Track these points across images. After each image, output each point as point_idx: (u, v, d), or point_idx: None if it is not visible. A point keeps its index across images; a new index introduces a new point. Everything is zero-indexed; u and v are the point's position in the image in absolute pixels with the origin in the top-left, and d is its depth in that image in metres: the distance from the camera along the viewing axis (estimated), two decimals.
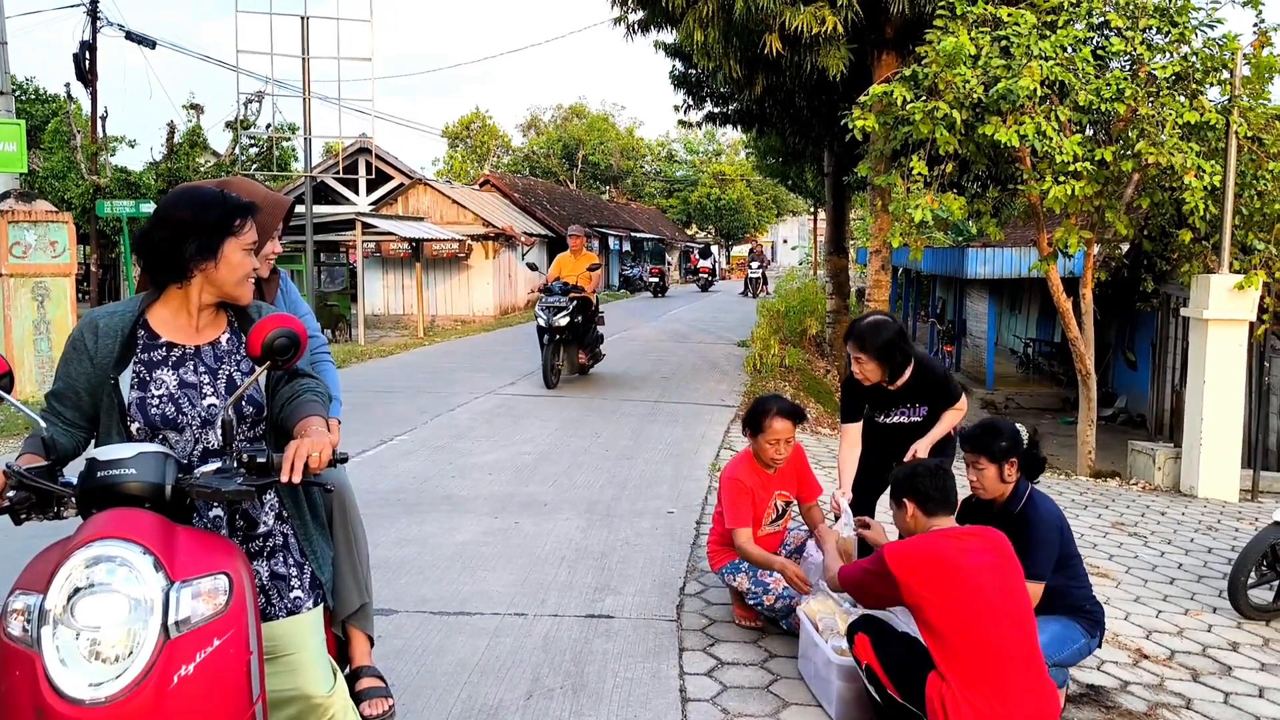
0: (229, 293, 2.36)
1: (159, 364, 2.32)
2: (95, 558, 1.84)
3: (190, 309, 2.36)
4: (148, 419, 2.27)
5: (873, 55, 11.98)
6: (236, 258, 2.32)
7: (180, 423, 2.29)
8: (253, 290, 2.42)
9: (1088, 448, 10.23)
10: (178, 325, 2.36)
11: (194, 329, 2.37)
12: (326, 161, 25.67)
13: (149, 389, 2.29)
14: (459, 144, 59.44)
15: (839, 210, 19.26)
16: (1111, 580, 5.66)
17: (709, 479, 7.58)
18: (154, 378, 2.30)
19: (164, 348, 2.34)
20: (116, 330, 2.32)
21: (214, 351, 2.38)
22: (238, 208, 2.34)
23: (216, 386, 2.35)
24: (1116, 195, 9.56)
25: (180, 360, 2.34)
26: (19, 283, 10.78)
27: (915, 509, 3.44)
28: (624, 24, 14.60)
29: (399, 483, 7.23)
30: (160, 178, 20.63)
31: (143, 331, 2.34)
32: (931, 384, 4.59)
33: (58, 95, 28.28)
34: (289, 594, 2.43)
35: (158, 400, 2.28)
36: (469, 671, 4.00)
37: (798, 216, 71.17)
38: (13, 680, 1.80)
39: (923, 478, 3.45)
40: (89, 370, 2.30)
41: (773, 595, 4.39)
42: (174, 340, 2.35)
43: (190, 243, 2.26)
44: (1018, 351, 22.30)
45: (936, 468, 3.51)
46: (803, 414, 4.66)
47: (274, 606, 2.40)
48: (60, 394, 2.33)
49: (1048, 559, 3.70)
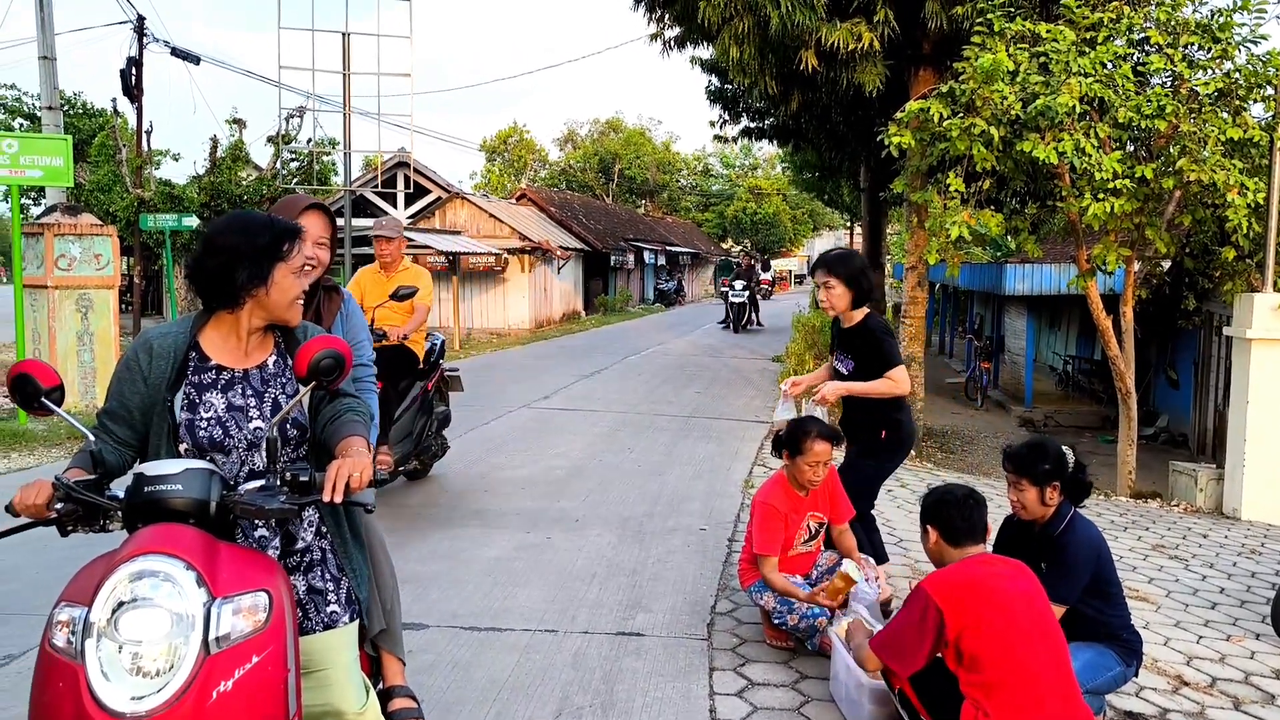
0: (279, 316, 2.40)
1: (208, 387, 2.36)
2: (140, 572, 1.87)
3: (240, 333, 2.40)
4: (196, 441, 2.31)
5: (909, 71, 11.94)
6: (286, 282, 2.36)
7: (227, 445, 2.33)
8: (301, 311, 2.46)
9: (1128, 468, 10.08)
10: (227, 348, 2.40)
11: (243, 352, 2.41)
12: (366, 175, 25.98)
13: (198, 411, 2.33)
14: (496, 158, 59.89)
15: (875, 226, 19.19)
16: (1151, 604, 5.57)
17: (742, 496, 7.56)
18: (203, 400, 2.34)
19: (213, 370, 2.38)
20: (169, 351, 2.36)
21: (261, 375, 2.42)
22: (285, 232, 2.38)
23: (263, 410, 2.39)
24: (1157, 212, 9.44)
25: (229, 383, 2.38)
26: (64, 295, 11.00)
27: (939, 537, 3.39)
28: (660, 40, 14.69)
29: (431, 497, 7.28)
30: (203, 191, 20.95)
31: (194, 353, 2.38)
32: (873, 332, 4.69)
33: (104, 110, 28.89)
34: (325, 608, 2.46)
35: (206, 423, 2.32)
36: (499, 688, 4.02)
37: (834, 231, 70.88)
38: (56, 691, 1.83)
39: (949, 507, 3.38)
40: (142, 390, 2.34)
41: (797, 615, 4.36)
42: (223, 363, 2.39)
43: (242, 270, 2.29)
44: (1057, 369, 22.03)
45: (965, 497, 3.41)
46: (841, 436, 4.67)
47: (311, 621, 2.43)
48: (113, 413, 2.36)
49: (1075, 584, 3.64)
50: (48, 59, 14.79)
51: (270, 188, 21.79)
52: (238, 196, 21.04)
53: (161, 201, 20.27)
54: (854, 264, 4.75)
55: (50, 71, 14.89)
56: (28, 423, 9.65)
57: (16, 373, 2.20)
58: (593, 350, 19.94)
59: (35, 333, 10.93)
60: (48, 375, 2.21)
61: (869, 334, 4.69)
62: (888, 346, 4.67)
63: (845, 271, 4.67)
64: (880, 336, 4.69)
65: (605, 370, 16.20)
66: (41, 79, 14.95)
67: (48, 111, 15.08)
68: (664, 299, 41.60)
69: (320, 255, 3.23)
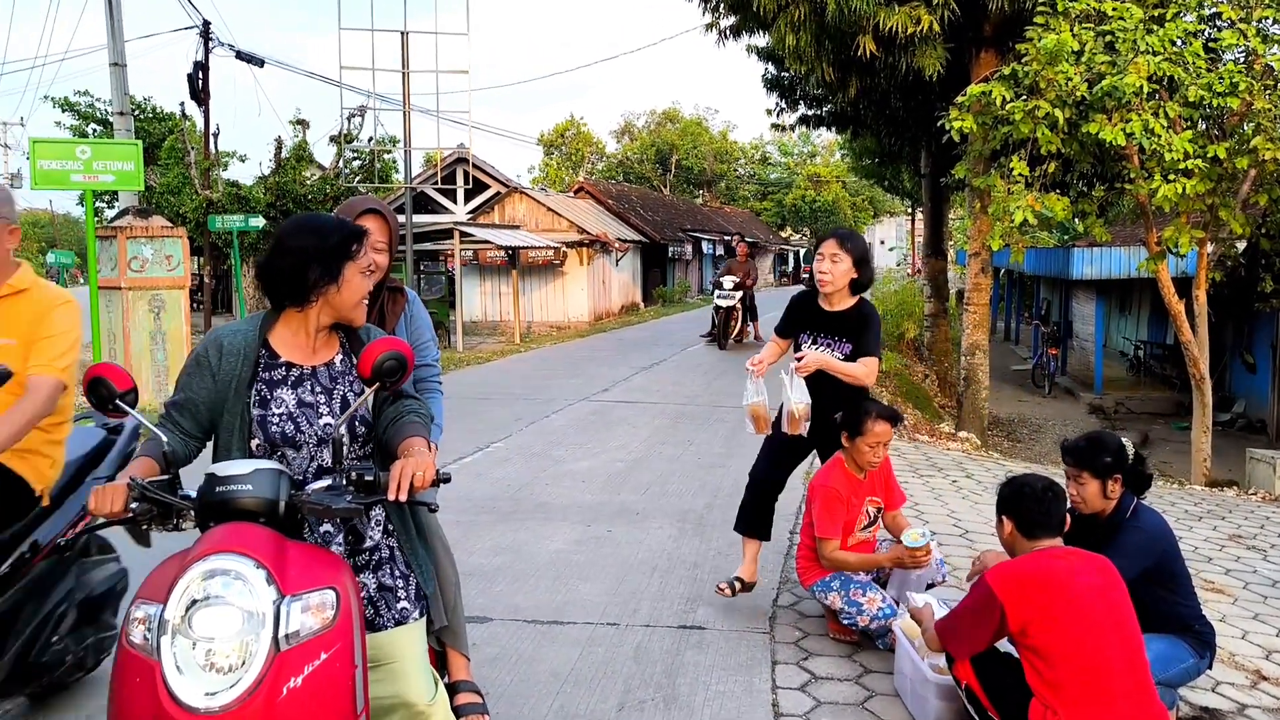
0: (346, 315, 2.44)
1: (279, 383, 2.42)
2: (212, 570, 1.92)
3: (308, 330, 2.45)
4: (268, 436, 2.37)
5: (970, 54, 11.73)
6: (356, 281, 2.41)
7: (298, 440, 2.38)
8: (366, 312, 2.50)
9: (1202, 455, 9.81)
10: (296, 346, 2.46)
11: (311, 350, 2.47)
12: (426, 172, 26.27)
13: (269, 407, 2.39)
14: (554, 152, 60.18)
15: (937, 212, 18.88)
16: (1228, 596, 5.42)
17: (802, 488, 7.51)
18: (275, 396, 2.40)
19: (284, 367, 2.43)
20: (240, 349, 2.42)
21: (329, 372, 2.47)
22: (354, 233, 2.42)
23: (331, 406, 2.43)
24: (1231, 192, 9.15)
25: (299, 380, 2.43)
26: (137, 296, 11.32)
27: (1014, 528, 3.33)
28: (715, 30, 14.61)
29: (495, 490, 7.36)
30: (269, 191, 21.37)
31: (264, 351, 2.44)
32: (863, 319, 4.54)
33: (173, 114, 29.55)
34: (396, 605, 2.50)
35: (278, 418, 2.38)
36: (561, 681, 4.06)
37: (895, 217, 69.97)
38: (133, 686, 1.89)
39: (1027, 499, 3.31)
40: (210, 386, 2.40)
41: (867, 616, 4.30)
42: (292, 360, 2.45)
43: (314, 269, 2.34)
44: (1128, 354, 21.52)
45: (1044, 490, 3.34)
46: (900, 417, 4.69)
47: (382, 617, 2.48)
48: (180, 405, 2.42)
49: (1132, 565, 3.55)
50: (118, 65, 15.19)
51: (333, 186, 22.15)
52: (302, 196, 21.42)
53: (229, 202, 20.73)
54: (863, 244, 4.61)
55: (121, 77, 15.30)
56: None
57: (92, 376, 2.27)
58: (651, 342, 19.94)
59: (110, 333, 11.27)
60: (122, 378, 2.28)
61: (864, 320, 4.54)
62: (877, 335, 4.58)
63: (855, 249, 4.51)
64: (875, 324, 4.58)
65: (664, 362, 16.20)
66: (113, 85, 15.37)
67: (119, 117, 15.50)
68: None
69: (378, 260, 3.26)
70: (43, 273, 46.60)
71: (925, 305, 18.99)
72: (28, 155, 10.61)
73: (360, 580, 2.47)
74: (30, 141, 10.53)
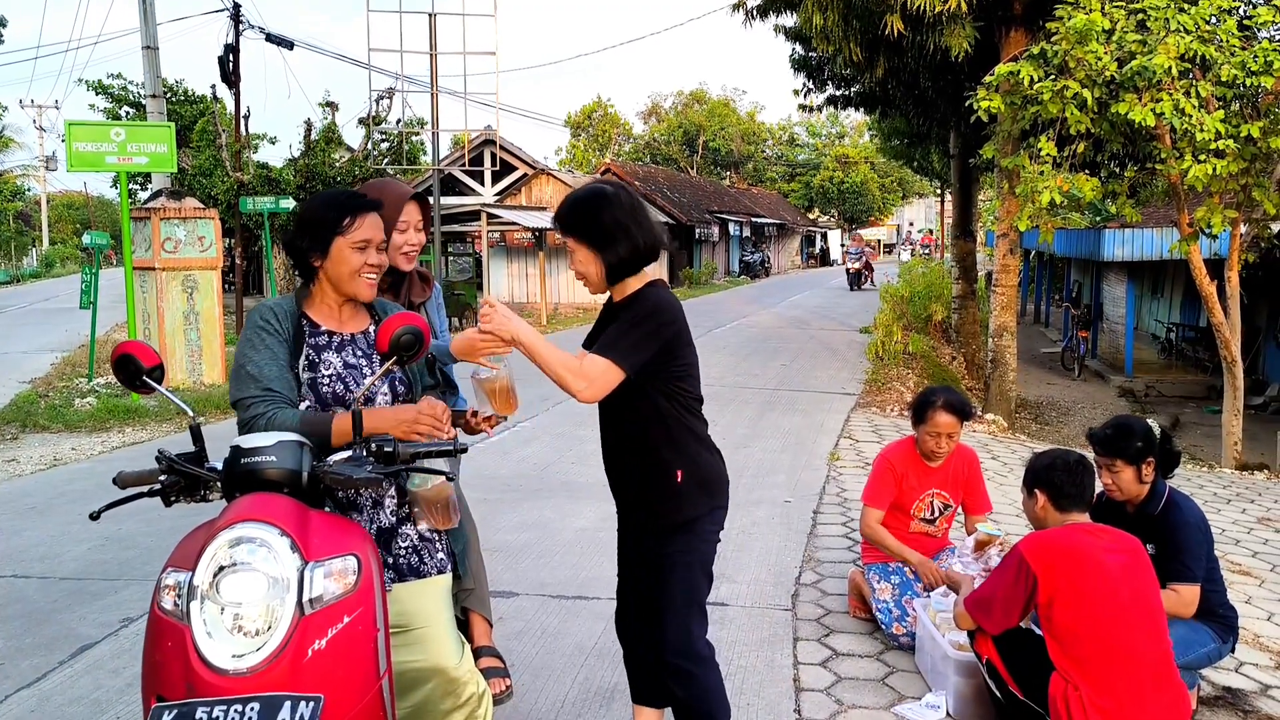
0: (343, 289, 2.53)
1: (324, 348, 2.52)
2: (238, 538, 1.97)
3: (330, 303, 2.56)
4: (320, 396, 2.46)
5: (1000, 33, 11.58)
6: (341, 255, 2.49)
7: (348, 400, 2.47)
8: (372, 289, 2.56)
9: (1233, 439, 9.71)
10: (329, 315, 2.57)
11: (340, 320, 2.58)
12: (454, 154, 26.34)
13: (319, 370, 2.48)
14: (581, 133, 60.13)
15: (965, 193, 18.69)
16: (1255, 579, 5.39)
17: (827, 469, 7.53)
18: (322, 359, 2.50)
19: (325, 334, 2.54)
20: (289, 313, 2.53)
21: (366, 339, 2.58)
22: (349, 207, 2.50)
23: (374, 369, 2.54)
24: (1265, 172, 9.00)
25: (341, 345, 2.54)
26: (170, 276, 11.47)
27: (1046, 501, 3.33)
28: (742, 9, 14.50)
29: (521, 468, 7.43)
30: (299, 173, 21.51)
31: (305, 321, 2.55)
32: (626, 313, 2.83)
33: (204, 96, 29.81)
34: (436, 555, 2.61)
35: (328, 379, 2.48)
36: (585, 654, 4.11)
37: (924, 199, 69.39)
38: (165, 650, 1.95)
39: (1060, 471, 3.31)
40: (281, 348, 2.47)
41: (904, 627, 4.19)
42: (331, 329, 2.56)
43: (304, 239, 2.49)
44: (1159, 337, 21.26)
45: (1077, 462, 3.34)
46: (970, 411, 4.43)
47: (426, 565, 2.58)
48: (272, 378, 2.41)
49: (1200, 560, 3.56)
50: (151, 48, 15.33)
51: (362, 168, 22.27)
52: (331, 178, 21.56)
53: (260, 184, 20.90)
54: (594, 214, 2.79)
55: (153, 60, 15.44)
56: (140, 400, 10.12)
57: (120, 353, 2.32)
58: None
59: (145, 313, 11.44)
60: (148, 355, 2.33)
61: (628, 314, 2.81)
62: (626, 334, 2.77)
63: (586, 230, 2.81)
64: (635, 320, 2.78)
65: None
66: (145, 68, 15.51)
67: (151, 100, 15.65)
68: (749, 271, 41.36)
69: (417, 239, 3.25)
70: (79, 254, 47.24)
71: (953, 287, 18.84)
72: (63, 138, 10.76)
73: (404, 531, 2.57)
74: (65, 124, 10.69)
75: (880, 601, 4.32)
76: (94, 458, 8.32)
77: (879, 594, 4.34)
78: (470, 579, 3.11)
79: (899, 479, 4.36)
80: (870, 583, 4.42)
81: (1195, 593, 3.50)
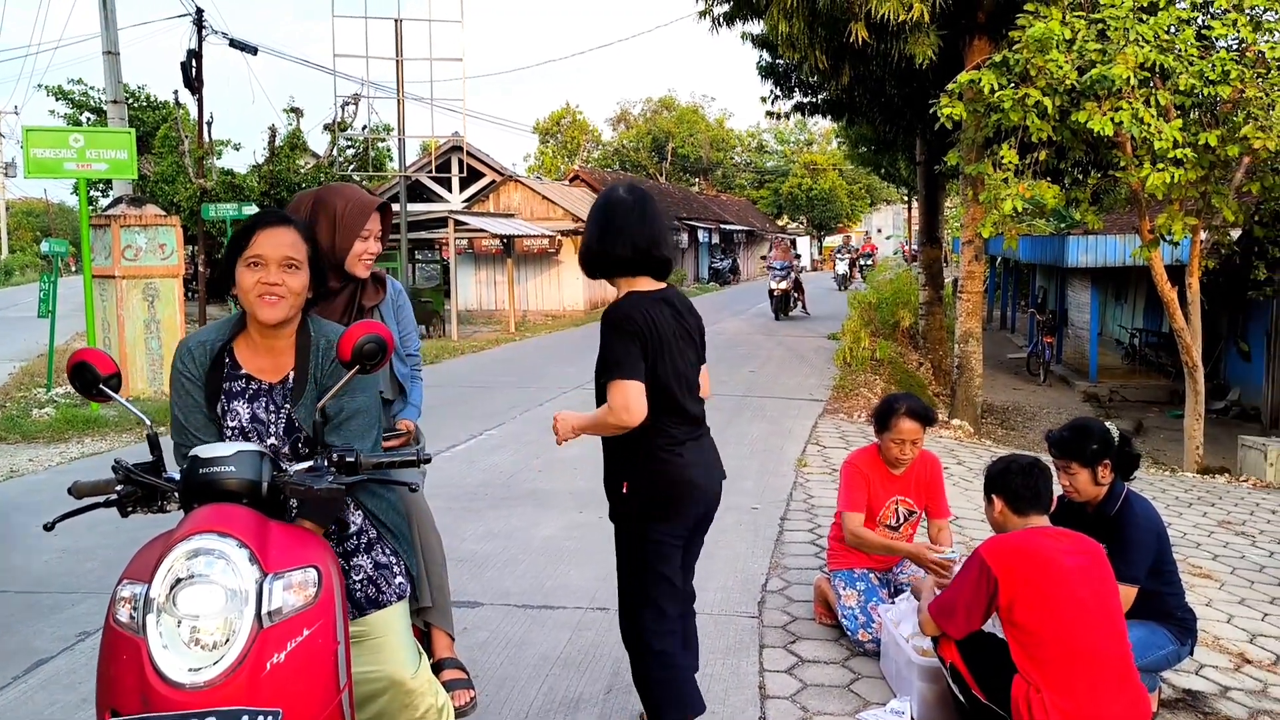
0: (251, 313, 2.41)
1: (237, 395, 2.42)
2: (195, 550, 1.94)
3: (254, 335, 2.46)
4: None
5: (964, 41, 11.70)
6: (240, 274, 2.39)
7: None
8: (271, 308, 2.39)
9: (1195, 443, 9.86)
10: (252, 353, 2.46)
11: (260, 362, 2.45)
12: (421, 160, 26.23)
13: (225, 419, 2.41)
14: (549, 140, 60.02)
15: (932, 199, 18.85)
16: (1215, 581, 5.46)
17: (794, 474, 7.55)
18: (230, 408, 2.41)
19: (243, 379, 2.44)
20: (209, 351, 2.44)
21: (284, 390, 2.45)
22: (248, 228, 2.42)
23: (279, 426, 2.42)
24: (1224, 180, 9.17)
25: (255, 395, 2.43)
26: (131, 284, 11.32)
27: (1004, 506, 3.36)
28: (709, 17, 14.55)
29: (487, 477, 7.39)
30: (263, 180, 21.31)
31: (229, 359, 2.45)
32: None
33: (167, 102, 29.42)
34: (394, 580, 2.56)
35: (231, 430, 2.40)
36: (551, 664, 4.09)
37: (892, 205, 69.90)
38: (120, 663, 1.92)
39: (1015, 476, 3.34)
40: (201, 393, 2.41)
41: (869, 633, 4.19)
42: (250, 373, 2.45)
43: (221, 270, 2.41)
44: (1123, 342, 21.56)
45: (1030, 465, 3.38)
46: (933, 417, 4.48)
47: (384, 594, 2.53)
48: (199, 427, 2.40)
49: (1142, 561, 3.59)
50: (112, 54, 15.15)
51: (327, 175, 22.12)
52: (296, 184, 21.38)
53: (223, 191, 20.69)
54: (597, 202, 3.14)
55: (114, 66, 15.26)
56: (99, 409, 9.96)
57: (75, 361, 2.28)
58: None
59: (105, 322, 11.27)
60: (105, 363, 2.29)
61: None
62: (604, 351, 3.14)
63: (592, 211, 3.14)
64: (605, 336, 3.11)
65: None
66: (106, 73, 15.32)
67: (112, 105, 15.46)
68: (719, 278, 41.50)
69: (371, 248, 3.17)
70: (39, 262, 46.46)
71: (920, 293, 19.00)
72: (21, 144, 10.60)
73: (357, 563, 2.51)
74: (24, 130, 10.53)
75: (846, 608, 4.32)
76: (51, 469, 8.18)
77: (844, 600, 4.35)
78: (430, 597, 3.08)
79: (867, 481, 4.39)
80: (836, 589, 4.43)
81: (1132, 594, 3.52)
